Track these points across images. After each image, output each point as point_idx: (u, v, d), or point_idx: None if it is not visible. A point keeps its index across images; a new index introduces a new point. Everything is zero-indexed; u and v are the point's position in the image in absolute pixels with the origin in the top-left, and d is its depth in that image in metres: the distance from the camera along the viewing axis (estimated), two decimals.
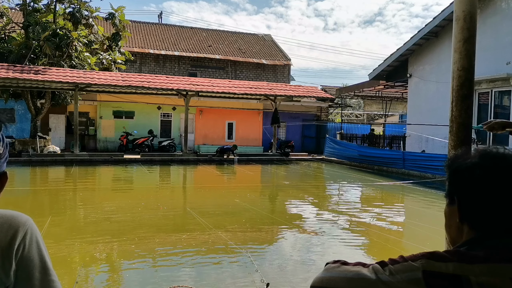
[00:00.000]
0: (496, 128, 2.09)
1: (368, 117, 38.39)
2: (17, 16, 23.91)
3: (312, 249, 6.11)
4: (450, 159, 0.98)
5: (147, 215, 8.17)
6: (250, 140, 24.49)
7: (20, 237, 0.99)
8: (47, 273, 1.01)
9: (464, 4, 1.77)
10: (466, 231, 0.90)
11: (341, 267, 0.87)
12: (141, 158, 18.16)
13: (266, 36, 37.15)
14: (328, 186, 13.95)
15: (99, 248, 5.82)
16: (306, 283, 4.50)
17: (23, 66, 17.35)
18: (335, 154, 20.09)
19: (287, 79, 33.18)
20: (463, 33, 1.77)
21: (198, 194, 11.74)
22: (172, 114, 23.35)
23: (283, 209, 9.71)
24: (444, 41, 15.15)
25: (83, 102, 21.12)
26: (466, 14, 1.76)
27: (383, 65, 18.05)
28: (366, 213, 8.99)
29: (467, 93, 1.80)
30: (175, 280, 4.52)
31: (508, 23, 12.89)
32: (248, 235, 6.74)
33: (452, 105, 1.83)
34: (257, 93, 20.76)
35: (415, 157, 14.96)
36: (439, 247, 1.11)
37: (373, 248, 6.35)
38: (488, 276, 0.78)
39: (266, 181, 15.36)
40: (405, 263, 0.82)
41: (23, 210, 1.09)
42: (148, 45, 30.06)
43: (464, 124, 1.80)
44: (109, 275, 4.90)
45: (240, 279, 4.68)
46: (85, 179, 13.73)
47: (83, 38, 19.89)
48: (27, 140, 18.03)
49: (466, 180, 0.89)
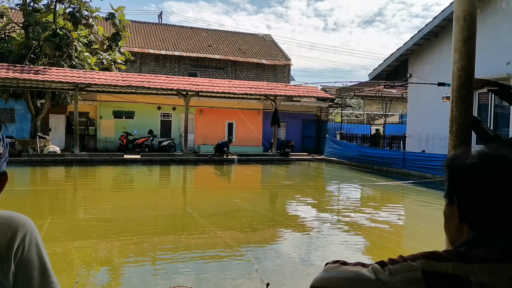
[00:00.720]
0: (475, 86, 2.06)
1: (368, 117, 38.39)
2: (17, 16, 23.91)
3: (312, 249, 6.11)
4: (450, 159, 0.98)
5: (147, 215, 8.17)
6: (250, 140, 24.49)
7: (19, 238, 0.99)
8: (46, 275, 1.01)
9: (464, 4, 1.77)
10: (466, 231, 0.89)
11: (341, 267, 0.87)
12: (141, 158, 18.16)
13: (266, 36, 37.15)
14: (328, 186, 13.95)
15: (99, 248, 5.82)
16: (306, 283, 4.50)
17: (23, 66, 17.35)
18: (335, 154, 20.08)
19: (287, 79, 33.18)
20: (463, 33, 1.77)
21: (198, 194, 11.74)
22: (172, 114, 23.35)
23: (283, 209, 9.71)
24: (444, 41, 15.15)
25: (83, 102, 21.12)
26: (466, 14, 1.76)
27: (383, 65, 18.05)
28: (366, 213, 8.99)
29: (467, 93, 1.80)
30: (175, 280, 4.52)
31: (508, 23, 12.89)
32: (248, 235, 6.74)
33: (452, 105, 1.83)
34: (257, 93, 20.76)
35: (415, 157, 14.96)
36: (439, 247, 1.11)
37: (373, 248, 6.35)
38: (488, 276, 0.78)
39: (266, 181, 15.36)
40: (404, 263, 0.82)
41: (23, 210, 1.09)
42: (148, 45, 30.06)
43: (464, 124, 1.80)
44: (109, 275, 4.89)
45: (240, 279, 4.68)
46: (85, 179, 13.73)
47: (83, 38, 19.89)
48: (27, 140, 18.03)
49: (466, 180, 0.89)
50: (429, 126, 15.87)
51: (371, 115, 38.09)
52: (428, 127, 15.97)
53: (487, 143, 1.80)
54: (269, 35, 37.38)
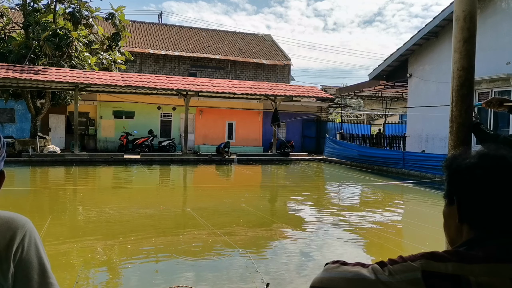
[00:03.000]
0: (494, 104, 2.10)
1: (368, 117, 38.40)
2: (17, 16, 23.91)
3: (312, 249, 6.10)
4: (448, 159, 0.97)
5: (147, 215, 8.17)
6: (250, 140, 24.49)
7: (18, 239, 0.99)
8: (46, 276, 1.01)
9: (464, 4, 1.77)
10: (466, 231, 0.89)
11: (341, 268, 0.87)
12: (141, 158, 18.16)
13: (266, 36, 37.14)
14: (328, 186, 13.94)
15: (99, 248, 5.82)
16: (306, 283, 4.50)
17: (23, 66, 17.35)
18: (335, 154, 20.08)
19: (287, 79, 33.17)
20: (463, 33, 1.77)
21: (198, 194, 11.74)
22: (172, 114, 23.35)
23: (283, 209, 9.71)
24: (444, 41, 15.14)
25: (83, 102, 21.12)
26: (466, 14, 1.76)
27: (383, 65, 18.05)
28: (366, 213, 8.98)
29: (467, 93, 1.80)
30: (175, 280, 4.52)
31: (508, 23, 12.88)
32: (248, 235, 6.74)
33: (452, 105, 1.83)
34: (257, 93, 20.76)
35: (415, 157, 14.96)
36: (439, 247, 1.11)
37: (373, 248, 6.35)
38: (488, 276, 0.78)
39: (266, 181, 15.36)
40: (404, 263, 0.82)
41: (23, 210, 1.09)
42: (148, 45, 30.06)
43: (464, 124, 1.80)
44: (109, 275, 4.89)
45: (240, 279, 4.67)
46: (85, 179, 13.73)
47: (83, 38, 19.90)
48: (27, 140, 18.03)
49: (466, 181, 0.89)
50: (429, 126, 15.86)
51: (371, 115, 38.10)
52: (428, 127, 15.96)
53: (486, 143, 1.81)
54: (269, 35, 37.37)
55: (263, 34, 37.36)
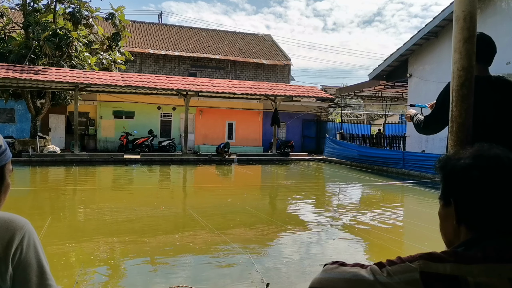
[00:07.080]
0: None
1: (368, 117, 38.40)
2: (17, 16, 23.92)
3: (312, 249, 6.10)
4: (442, 160, 0.97)
5: (147, 215, 8.17)
6: (250, 140, 24.49)
7: (17, 241, 0.98)
8: (44, 277, 1.01)
9: (464, 4, 1.76)
10: (463, 232, 0.89)
11: (339, 268, 0.87)
12: (141, 158, 18.16)
13: (266, 36, 37.14)
14: (328, 186, 13.94)
15: (99, 248, 5.82)
16: (306, 284, 4.49)
17: (23, 66, 17.35)
18: (335, 154, 20.09)
19: (287, 79, 33.18)
20: (463, 33, 1.77)
21: (197, 194, 11.73)
22: (172, 114, 23.36)
23: (283, 209, 9.71)
24: (444, 41, 15.14)
25: (83, 102, 21.13)
26: (466, 14, 1.76)
27: (383, 65, 18.05)
28: (366, 213, 8.98)
29: (467, 93, 1.79)
30: (175, 280, 4.52)
31: (508, 23, 12.88)
32: (248, 235, 6.74)
33: (452, 105, 1.82)
34: (257, 93, 20.76)
35: (415, 157, 14.96)
36: (438, 247, 1.10)
37: (373, 248, 6.35)
38: (486, 276, 0.78)
39: (266, 181, 15.36)
40: (402, 264, 0.82)
41: (23, 210, 1.09)
42: (148, 45, 30.06)
43: (464, 124, 1.79)
44: (109, 275, 4.89)
45: (240, 279, 4.67)
46: (85, 179, 13.72)
47: (83, 38, 19.90)
48: (27, 140, 18.03)
49: (463, 182, 0.88)
50: None
51: (371, 115, 38.10)
52: None
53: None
54: (269, 35, 37.38)
55: (263, 34, 37.37)
